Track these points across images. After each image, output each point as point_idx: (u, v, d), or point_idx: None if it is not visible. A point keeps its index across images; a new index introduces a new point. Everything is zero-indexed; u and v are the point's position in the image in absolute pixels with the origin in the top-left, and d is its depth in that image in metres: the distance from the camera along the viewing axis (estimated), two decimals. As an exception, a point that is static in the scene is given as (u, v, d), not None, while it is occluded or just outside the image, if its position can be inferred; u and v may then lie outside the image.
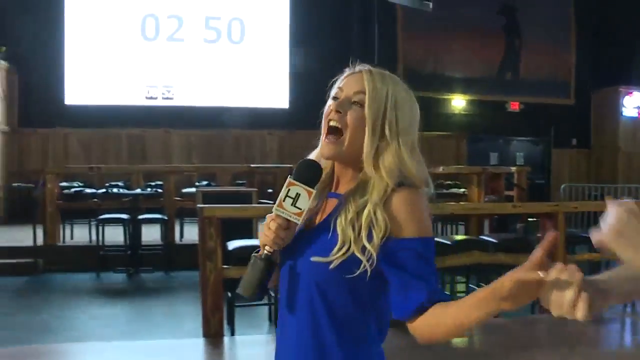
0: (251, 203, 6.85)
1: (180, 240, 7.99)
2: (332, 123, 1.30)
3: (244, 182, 9.92)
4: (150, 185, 9.66)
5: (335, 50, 12.47)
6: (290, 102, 12.49)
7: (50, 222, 7.51)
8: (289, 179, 1.27)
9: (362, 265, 1.22)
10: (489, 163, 13.02)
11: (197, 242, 7.49)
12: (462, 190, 8.86)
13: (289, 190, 1.26)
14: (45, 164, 11.40)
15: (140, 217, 7.28)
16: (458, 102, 13.75)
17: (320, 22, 12.31)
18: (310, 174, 1.30)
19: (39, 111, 11.65)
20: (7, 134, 11.49)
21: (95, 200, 7.91)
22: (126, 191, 7.89)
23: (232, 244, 4.50)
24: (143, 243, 7.43)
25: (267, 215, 1.29)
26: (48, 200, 7.53)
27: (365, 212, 1.24)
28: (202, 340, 4.29)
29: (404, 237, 1.24)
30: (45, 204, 7.53)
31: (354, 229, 1.24)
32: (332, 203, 1.33)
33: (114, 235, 7.50)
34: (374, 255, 1.21)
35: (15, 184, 11.18)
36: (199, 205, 4.24)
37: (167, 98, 11.98)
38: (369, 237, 1.22)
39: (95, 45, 11.97)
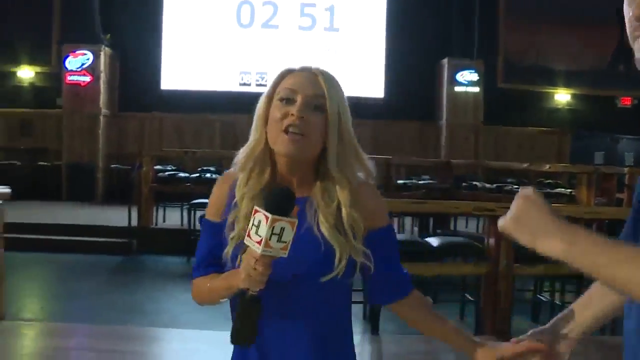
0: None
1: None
2: (293, 129, 1.24)
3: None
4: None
5: (434, 40, 12.05)
6: (386, 92, 12.19)
7: (144, 204, 7.62)
8: (271, 216, 1.13)
9: (358, 265, 1.29)
10: (594, 162, 12.16)
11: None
12: (569, 190, 8.25)
13: (273, 227, 1.13)
14: (141, 147, 11.70)
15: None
16: (562, 97, 12.95)
17: (418, 10, 11.89)
18: (288, 204, 1.18)
19: (137, 96, 11.99)
20: (107, 117, 11.88)
21: (189, 184, 7.95)
22: (219, 176, 7.86)
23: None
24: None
25: (246, 257, 1.18)
26: (143, 182, 7.63)
27: (345, 215, 1.27)
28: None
29: (379, 227, 1.34)
30: (140, 186, 7.65)
31: (340, 234, 1.27)
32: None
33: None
34: (368, 252, 1.29)
35: (114, 166, 11.56)
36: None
37: (261, 85, 11.97)
38: (354, 237, 1.27)
39: (192, 32, 12.16)
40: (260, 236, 1.13)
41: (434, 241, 4.76)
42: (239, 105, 11.75)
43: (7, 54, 12.31)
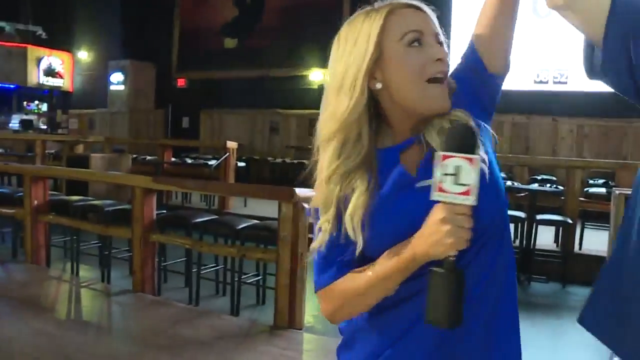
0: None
1: (580, 249, 6.63)
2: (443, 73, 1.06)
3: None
4: (535, 179, 8.55)
5: None
6: None
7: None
8: (476, 157, 0.92)
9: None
10: None
11: (598, 252, 6.22)
12: None
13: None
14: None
15: (539, 217, 6.14)
16: None
17: None
18: (470, 141, 0.96)
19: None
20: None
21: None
22: (520, 185, 6.85)
23: None
24: (537, 247, 6.31)
25: (448, 214, 0.93)
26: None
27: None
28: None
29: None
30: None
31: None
32: (414, 151, 1.07)
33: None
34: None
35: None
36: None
37: (559, 82, 10.57)
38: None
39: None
40: (466, 185, 0.92)
41: None
42: (533, 105, 10.57)
43: (300, 58, 12.92)
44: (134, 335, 3.86)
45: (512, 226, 6.68)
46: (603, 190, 6.87)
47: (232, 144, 9.16)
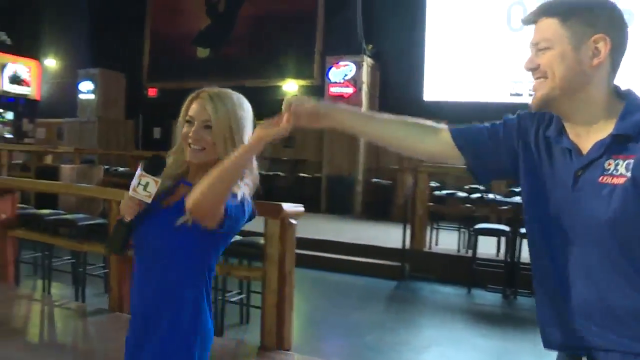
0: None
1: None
2: (194, 146, 1.68)
3: None
4: (514, 191, 8.51)
5: None
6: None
7: (418, 225, 6.84)
8: (140, 172, 1.63)
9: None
10: None
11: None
12: None
13: (140, 180, 1.62)
14: (401, 162, 11.17)
15: (523, 230, 6.07)
16: None
17: None
18: (158, 168, 1.67)
19: (397, 107, 11.29)
20: (367, 129, 11.56)
21: (469, 205, 6.99)
22: (503, 199, 6.78)
23: None
24: (521, 261, 6.24)
25: (126, 193, 1.65)
26: (419, 201, 6.85)
27: None
28: None
29: None
30: (414, 205, 6.89)
31: None
32: (184, 189, 1.67)
33: (482, 246, 6.47)
34: None
35: (374, 180, 11.15)
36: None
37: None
38: None
39: (456, 39, 11.33)
40: (150, 192, 1.63)
41: None
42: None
43: (274, 69, 12.76)
44: (113, 358, 3.62)
45: (495, 240, 6.61)
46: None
47: (207, 156, 8.93)
